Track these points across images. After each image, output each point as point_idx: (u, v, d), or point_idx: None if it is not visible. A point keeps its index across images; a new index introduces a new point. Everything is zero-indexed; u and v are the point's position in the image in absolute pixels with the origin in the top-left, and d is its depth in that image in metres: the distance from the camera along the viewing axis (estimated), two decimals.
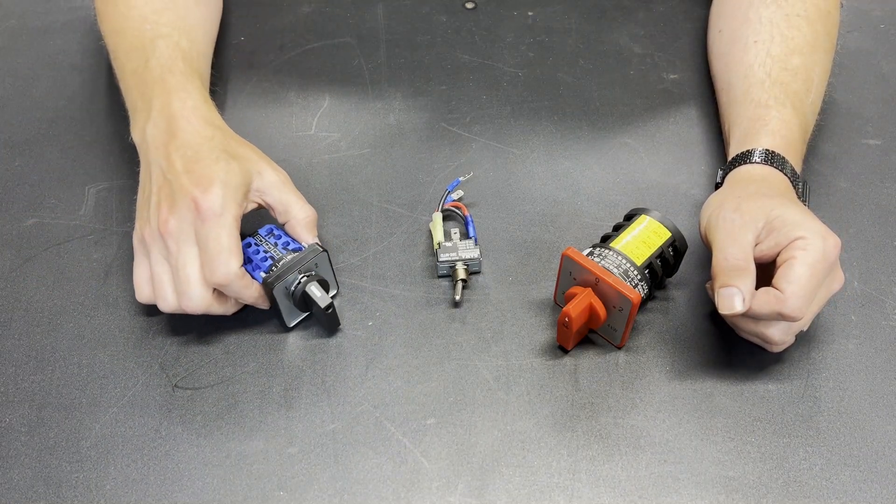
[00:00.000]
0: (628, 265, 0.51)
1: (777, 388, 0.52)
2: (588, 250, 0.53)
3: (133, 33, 0.61)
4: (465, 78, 0.73)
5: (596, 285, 0.50)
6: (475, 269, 0.58)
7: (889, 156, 0.66)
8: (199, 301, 0.50)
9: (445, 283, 0.58)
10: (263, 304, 0.53)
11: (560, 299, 0.55)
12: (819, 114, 0.62)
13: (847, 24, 0.77)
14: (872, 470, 0.48)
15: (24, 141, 0.68)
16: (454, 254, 0.57)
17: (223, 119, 0.57)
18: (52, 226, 0.61)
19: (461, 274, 0.56)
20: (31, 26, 0.78)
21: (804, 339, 0.54)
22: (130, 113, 0.58)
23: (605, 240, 0.54)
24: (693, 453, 0.49)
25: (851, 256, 0.59)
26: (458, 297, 0.55)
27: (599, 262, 0.51)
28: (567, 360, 0.53)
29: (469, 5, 0.80)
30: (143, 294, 0.52)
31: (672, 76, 0.73)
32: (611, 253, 0.52)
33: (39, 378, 0.53)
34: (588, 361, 0.53)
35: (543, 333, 0.55)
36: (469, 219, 0.60)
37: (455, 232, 0.59)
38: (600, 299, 0.51)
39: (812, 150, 0.65)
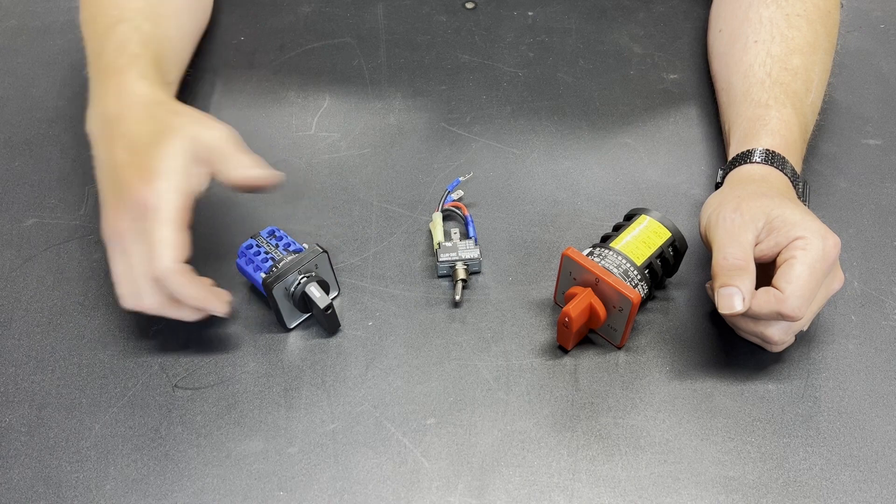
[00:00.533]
0: (628, 265, 0.51)
1: (777, 388, 0.52)
2: (588, 250, 0.53)
3: (101, 20, 0.59)
4: (465, 78, 0.73)
5: (596, 285, 0.50)
6: (475, 269, 0.58)
7: (889, 156, 0.66)
8: (148, 300, 0.49)
9: (445, 283, 0.58)
10: (218, 308, 0.50)
11: (560, 299, 0.55)
12: (819, 114, 0.62)
13: (847, 24, 0.77)
14: (872, 470, 0.48)
15: (24, 141, 0.68)
16: (454, 254, 0.57)
17: (212, 116, 0.55)
18: (52, 226, 0.61)
19: (461, 274, 0.56)
20: (31, 26, 0.78)
21: (804, 339, 0.54)
22: (90, 96, 0.56)
23: (605, 240, 0.54)
24: (693, 453, 0.49)
25: (851, 256, 0.59)
26: (458, 297, 0.56)
27: (599, 262, 0.51)
28: (567, 360, 0.53)
29: (469, 5, 0.80)
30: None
31: (672, 76, 0.73)
32: (611, 253, 0.52)
33: (39, 378, 0.53)
34: (588, 361, 0.53)
35: (543, 333, 0.55)
36: (469, 219, 0.60)
37: (455, 232, 0.59)
38: (600, 299, 0.51)
39: (812, 150, 0.65)
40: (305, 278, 0.52)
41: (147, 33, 0.58)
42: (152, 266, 0.47)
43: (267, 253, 0.53)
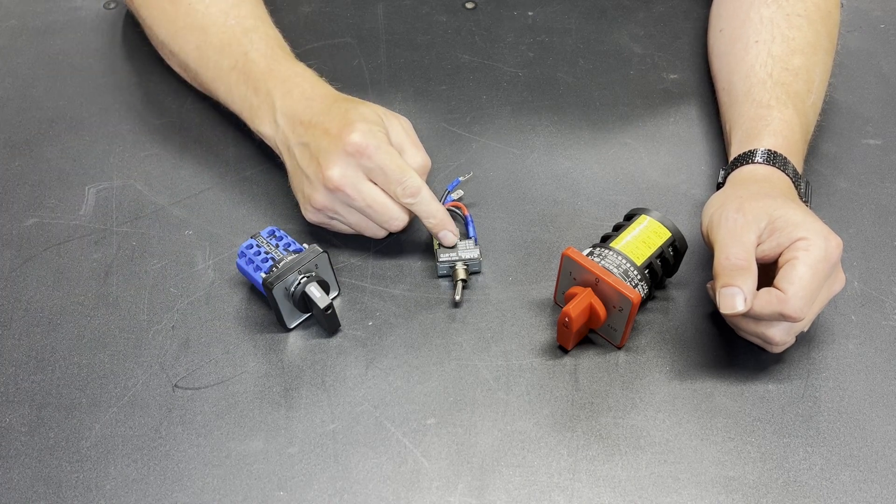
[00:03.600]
0: (628, 265, 0.51)
1: (777, 388, 0.52)
2: (588, 250, 0.53)
3: (220, 28, 0.62)
4: (465, 78, 0.73)
5: (596, 285, 0.50)
6: (475, 269, 0.58)
7: (889, 156, 0.66)
8: (403, 220, 0.55)
9: (445, 283, 0.58)
10: (453, 231, 0.56)
11: (560, 299, 0.55)
12: (819, 114, 0.62)
13: (847, 24, 0.77)
14: (872, 470, 0.48)
15: (24, 141, 0.68)
16: (454, 254, 0.57)
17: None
18: (52, 226, 0.61)
19: (461, 274, 0.56)
20: (31, 26, 0.78)
21: (804, 340, 0.54)
22: (244, 109, 0.60)
23: (605, 240, 0.54)
24: (693, 453, 0.49)
25: (851, 256, 0.59)
26: (458, 297, 0.56)
27: (599, 262, 0.51)
28: (567, 360, 0.53)
29: (469, 5, 0.80)
30: (345, 230, 0.57)
31: (672, 76, 0.73)
32: (611, 253, 0.52)
33: (39, 378, 0.53)
34: (588, 361, 0.53)
35: (543, 333, 0.55)
36: (469, 219, 0.60)
37: None
38: (600, 299, 0.51)
39: (812, 150, 0.65)
40: (305, 278, 0.52)
41: (275, 38, 0.63)
42: (407, 186, 0.53)
43: (267, 253, 0.53)
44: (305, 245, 0.54)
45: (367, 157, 0.52)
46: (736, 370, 0.53)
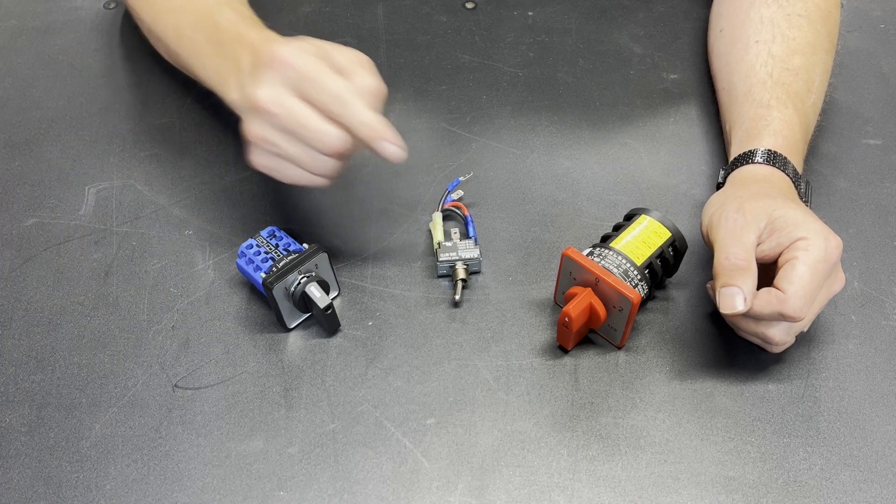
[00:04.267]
0: (628, 265, 0.51)
1: (777, 388, 0.52)
2: (588, 250, 0.53)
3: (195, 6, 0.59)
4: (465, 78, 0.73)
5: (596, 285, 0.50)
6: (475, 269, 0.58)
7: (889, 156, 0.66)
8: (338, 137, 0.48)
9: (445, 283, 0.58)
10: (388, 138, 0.49)
11: (560, 299, 0.55)
12: (819, 114, 0.62)
13: (847, 24, 0.77)
14: (872, 470, 0.48)
15: (24, 141, 0.68)
16: (454, 254, 0.57)
17: None
18: (52, 226, 0.61)
19: (461, 274, 0.56)
20: (31, 26, 0.78)
21: (804, 339, 0.54)
22: (217, 80, 0.55)
23: (605, 240, 0.54)
24: (693, 453, 0.49)
25: (851, 256, 0.59)
26: (458, 297, 0.55)
27: (599, 262, 0.51)
28: (567, 360, 0.53)
29: (469, 5, 0.80)
30: (293, 175, 0.50)
31: (672, 76, 0.73)
32: (611, 253, 0.52)
33: (39, 378, 0.53)
34: (588, 361, 0.53)
35: (543, 333, 0.55)
36: (469, 219, 0.60)
37: (455, 232, 0.59)
38: (600, 299, 0.51)
39: (812, 150, 0.65)
40: (305, 278, 0.52)
41: (244, 11, 0.57)
42: (329, 92, 0.47)
43: (267, 253, 0.53)
44: (305, 245, 0.54)
45: (291, 68, 0.47)
46: (736, 370, 0.53)
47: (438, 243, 0.58)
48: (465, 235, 0.59)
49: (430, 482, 0.48)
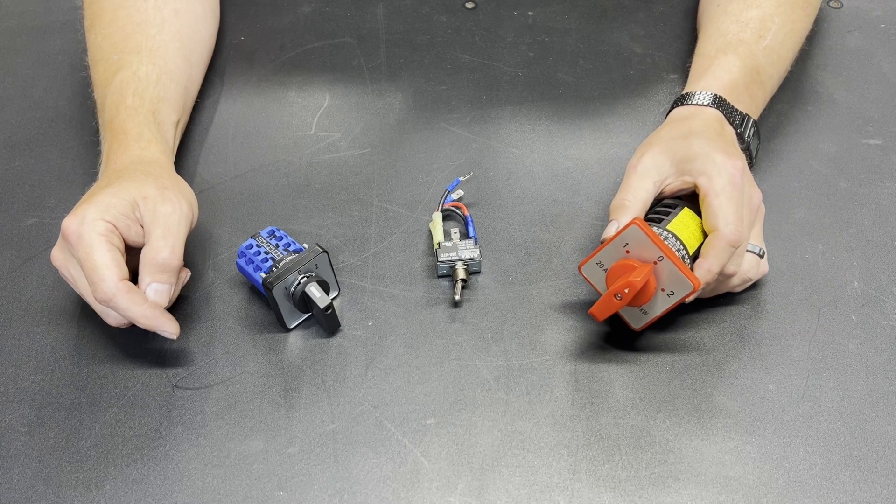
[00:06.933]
0: (684, 252, 0.50)
1: (777, 388, 0.52)
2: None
3: (103, 66, 0.61)
4: (465, 78, 0.73)
5: (656, 263, 0.48)
6: (475, 269, 0.58)
7: (889, 156, 0.66)
8: (113, 320, 0.51)
9: (445, 283, 0.58)
10: (168, 329, 0.49)
11: (591, 269, 0.51)
12: (818, 108, 0.63)
13: (847, 24, 0.77)
14: (872, 470, 0.48)
15: (24, 141, 0.68)
16: (454, 254, 0.57)
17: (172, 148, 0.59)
18: (52, 226, 0.61)
19: (461, 274, 0.56)
20: (31, 26, 0.78)
21: (804, 339, 0.54)
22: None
23: (653, 219, 0.52)
24: (693, 453, 0.49)
25: (851, 256, 0.59)
26: (458, 297, 0.55)
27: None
28: (567, 360, 0.53)
29: (469, 5, 0.80)
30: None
31: (672, 76, 0.73)
32: (669, 235, 0.50)
33: (39, 378, 0.53)
34: (588, 361, 0.53)
35: (543, 333, 0.55)
36: (469, 219, 0.60)
37: (455, 232, 0.59)
38: (655, 278, 0.48)
39: (812, 149, 0.65)
40: (305, 278, 0.52)
41: (142, 78, 0.59)
42: (96, 290, 0.48)
43: (267, 253, 0.53)
44: (305, 245, 0.54)
45: (71, 245, 0.49)
46: (736, 370, 0.53)
47: (438, 243, 0.58)
48: (465, 235, 0.59)
49: (430, 482, 0.48)
